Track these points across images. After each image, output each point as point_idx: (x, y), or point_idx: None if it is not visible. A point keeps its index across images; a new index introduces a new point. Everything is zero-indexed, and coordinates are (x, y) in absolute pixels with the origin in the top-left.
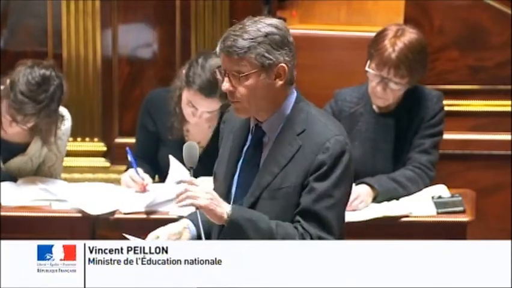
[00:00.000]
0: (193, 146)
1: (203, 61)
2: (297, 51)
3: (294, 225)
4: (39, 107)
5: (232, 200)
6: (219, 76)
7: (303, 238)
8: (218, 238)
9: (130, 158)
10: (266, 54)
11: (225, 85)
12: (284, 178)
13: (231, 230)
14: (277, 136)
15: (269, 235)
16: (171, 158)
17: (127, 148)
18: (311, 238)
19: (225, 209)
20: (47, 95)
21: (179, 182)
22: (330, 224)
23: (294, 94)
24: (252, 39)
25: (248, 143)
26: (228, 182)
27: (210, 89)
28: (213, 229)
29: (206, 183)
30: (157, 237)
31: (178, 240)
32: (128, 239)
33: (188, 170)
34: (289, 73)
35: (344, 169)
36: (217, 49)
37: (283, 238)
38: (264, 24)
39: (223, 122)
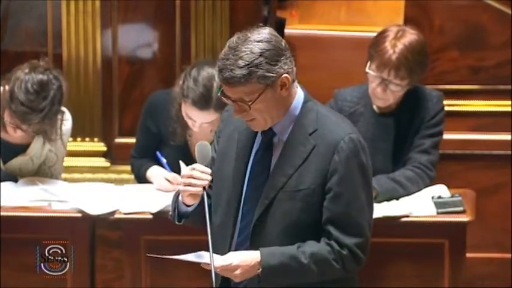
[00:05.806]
0: (205, 146)
1: (195, 74)
2: (297, 51)
3: (326, 242)
4: (42, 114)
5: (243, 203)
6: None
7: (340, 255)
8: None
9: (162, 161)
10: (267, 74)
11: (236, 113)
12: (300, 179)
13: (266, 279)
14: (288, 137)
15: (302, 271)
16: (181, 163)
17: (157, 152)
18: (349, 250)
19: (255, 267)
20: (48, 101)
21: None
22: (362, 227)
23: (301, 93)
24: (248, 64)
25: (258, 145)
26: (239, 184)
27: (204, 102)
28: None
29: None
30: (193, 168)
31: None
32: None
33: None
34: (292, 77)
35: (362, 169)
36: (217, 80)
37: (319, 265)
38: (254, 43)
39: (222, 121)
